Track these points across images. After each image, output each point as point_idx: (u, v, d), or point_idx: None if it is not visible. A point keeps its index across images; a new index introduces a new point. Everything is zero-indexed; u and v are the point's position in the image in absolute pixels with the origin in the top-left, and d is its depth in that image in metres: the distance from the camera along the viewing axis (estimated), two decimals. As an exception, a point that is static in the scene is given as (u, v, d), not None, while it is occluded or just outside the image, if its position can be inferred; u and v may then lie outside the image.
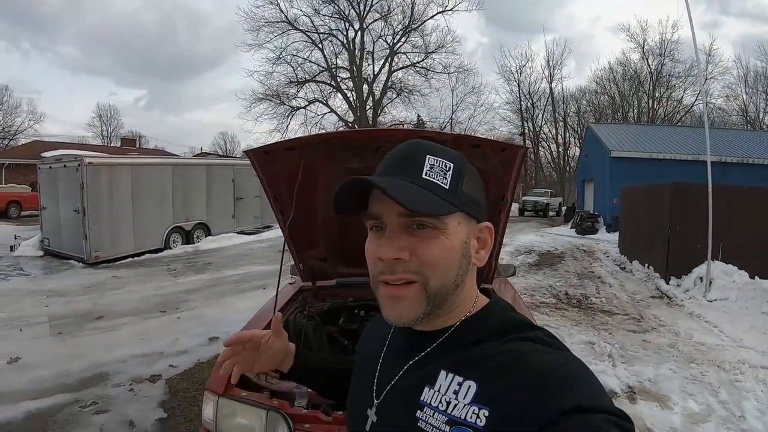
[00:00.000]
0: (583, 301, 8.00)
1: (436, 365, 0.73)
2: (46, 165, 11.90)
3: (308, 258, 3.13)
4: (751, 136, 24.14)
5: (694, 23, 7.85)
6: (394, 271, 0.72)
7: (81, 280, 9.15)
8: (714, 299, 7.60)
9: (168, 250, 12.56)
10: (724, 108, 36.43)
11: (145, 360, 4.99)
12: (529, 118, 40.62)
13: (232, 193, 15.17)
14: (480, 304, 0.78)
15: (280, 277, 2.63)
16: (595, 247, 15.11)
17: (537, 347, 0.68)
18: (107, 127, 51.71)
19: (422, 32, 31.71)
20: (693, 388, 4.51)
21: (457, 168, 0.74)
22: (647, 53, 37.19)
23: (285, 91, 30.52)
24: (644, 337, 6.02)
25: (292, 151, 2.51)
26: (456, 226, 0.73)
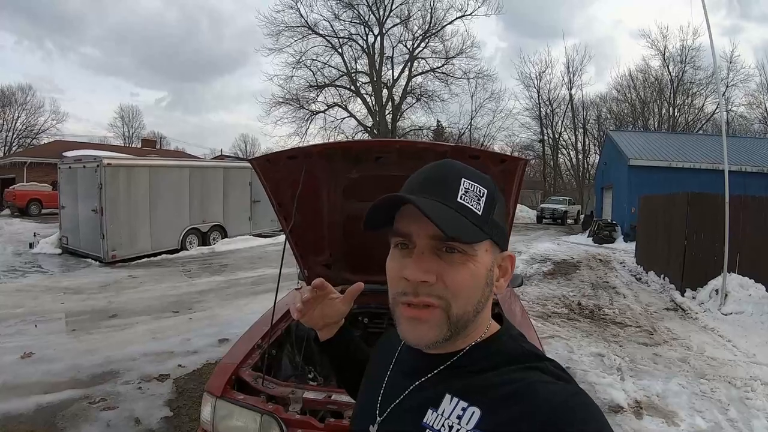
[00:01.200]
0: (595, 311, 7.91)
1: (442, 389, 0.72)
2: (66, 165, 12.21)
3: (313, 264, 3.18)
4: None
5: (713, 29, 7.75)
6: (418, 293, 0.71)
7: (97, 279, 9.34)
8: (729, 312, 7.45)
9: (184, 251, 12.75)
10: (746, 116, 35.74)
11: (156, 359, 5.09)
12: (548, 125, 40.29)
13: (249, 196, 15.29)
14: (491, 330, 0.77)
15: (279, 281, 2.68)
16: (612, 257, 14.93)
17: (544, 378, 0.67)
18: (129, 128, 52.65)
19: (442, 37, 31.77)
20: (702, 404, 4.41)
21: (491, 195, 0.74)
22: (668, 60, 36.62)
23: (304, 95, 30.77)
24: (655, 351, 5.93)
25: (294, 160, 2.57)
26: (484, 253, 0.72)
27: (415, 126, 33.28)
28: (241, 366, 2.29)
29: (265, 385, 2.17)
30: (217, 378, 2.21)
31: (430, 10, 30.92)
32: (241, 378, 2.23)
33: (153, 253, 11.93)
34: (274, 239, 15.56)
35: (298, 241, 2.97)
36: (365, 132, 31.63)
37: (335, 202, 2.87)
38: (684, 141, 23.41)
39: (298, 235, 2.85)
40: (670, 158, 19.80)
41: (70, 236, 11.93)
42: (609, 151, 24.16)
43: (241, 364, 2.31)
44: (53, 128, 42.67)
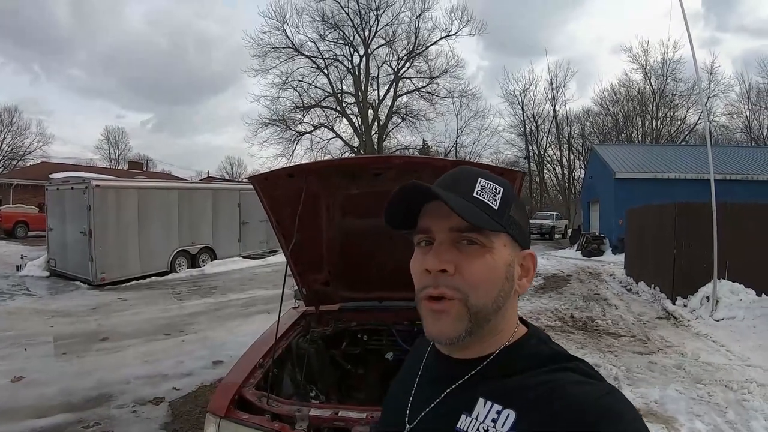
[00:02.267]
0: (588, 323, 7.94)
1: (475, 393, 0.72)
2: (53, 186, 12.07)
3: (311, 282, 3.17)
4: (754, 152, 24.13)
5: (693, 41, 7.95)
6: (438, 284, 0.72)
7: (86, 302, 9.21)
8: (721, 318, 7.54)
9: (173, 273, 12.60)
10: (727, 125, 36.49)
11: (149, 382, 5.00)
12: (533, 141, 40.76)
13: (237, 218, 15.24)
14: (519, 333, 0.78)
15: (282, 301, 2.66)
16: (601, 269, 15.05)
17: (577, 378, 0.68)
18: (115, 150, 52.37)
19: (426, 57, 32.14)
20: (700, 408, 4.46)
21: (507, 193, 0.76)
22: (649, 73, 37.42)
23: (291, 116, 30.90)
24: (650, 359, 5.96)
25: (293, 178, 2.58)
26: (501, 247, 0.74)
27: (401, 145, 33.46)
28: (243, 385, 2.26)
29: (269, 404, 2.14)
30: (219, 398, 2.18)
31: (415, 30, 31.38)
32: (244, 397, 2.20)
33: (142, 276, 11.77)
34: (264, 261, 15.52)
35: (296, 260, 2.95)
36: (352, 152, 31.67)
37: (334, 219, 2.87)
38: (668, 152, 23.81)
39: (297, 253, 2.84)
40: (655, 170, 20.11)
41: (58, 259, 11.76)
42: (594, 165, 24.48)
43: (244, 384, 2.28)
44: (39, 150, 42.25)
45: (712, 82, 34.28)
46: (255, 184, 2.64)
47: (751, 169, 19.85)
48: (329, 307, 3.33)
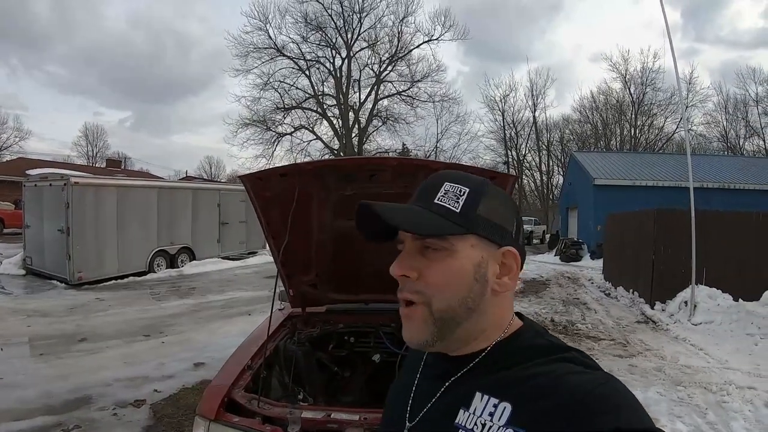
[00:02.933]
0: (569, 327, 8.03)
1: (471, 387, 0.72)
2: (31, 183, 11.79)
3: (299, 284, 3.14)
4: (731, 161, 24.73)
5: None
6: (403, 288, 0.75)
7: (64, 301, 9.01)
8: (699, 322, 7.69)
9: (152, 273, 12.40)
10: (705, 134, 37.30)
11: (130, 384, 4.89)
12: (512, 147, 41.10)
13: (217, 218, 15.10)
14: (514, 326, 0.77)
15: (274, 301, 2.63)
16: (580, 274, 15.22)
17: (574, 368, 0.67)
18: (93, 148, 51.20)
19: (408, 61, 32.11)
20: (681, 410, 4.54)
21: (473, 192, 0.75)
22: (629, 82, 38.09)
23: (271, 117, 30.58)
24: (631, 362, 6.05)
25: (286, 178, 2.55)
26: (467, 248, 0.73)
27: (381, 149, 33.36)
28: (233, 387, 2.23)
29: (260, 407, 2.11)
30: (209, 401, 2.14)
31: (398, 34, 31.29)
32: (233, 400, 2.17)
33: (120, 276, 11.56)
34: (243, 262, 15.42)
35: (285, 261, 2.91)
36: (332, 155, 31.46)
37: (324, 220, 2.84)
38: (646, 160, 24.25)
39: (286, 254, 2.81)
40: (634, 177, 20.48)
41: (34, 257, 11.48)
42: (574, 172, 24.80)
43: (233, 386, 2.24)
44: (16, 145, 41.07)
45: (690, 92, 35.02)
46: (247, 183, 2.59)
47: (728, 177, 20.35)
48: (316, 309, 3.31)
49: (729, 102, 36.35)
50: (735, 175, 20.69)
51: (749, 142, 36.52)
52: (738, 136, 36.63)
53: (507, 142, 40.65)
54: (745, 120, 35.86)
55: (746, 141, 36.59)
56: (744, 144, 36.46)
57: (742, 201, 17.09)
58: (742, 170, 21.61)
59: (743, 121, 35.95)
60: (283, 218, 2.64)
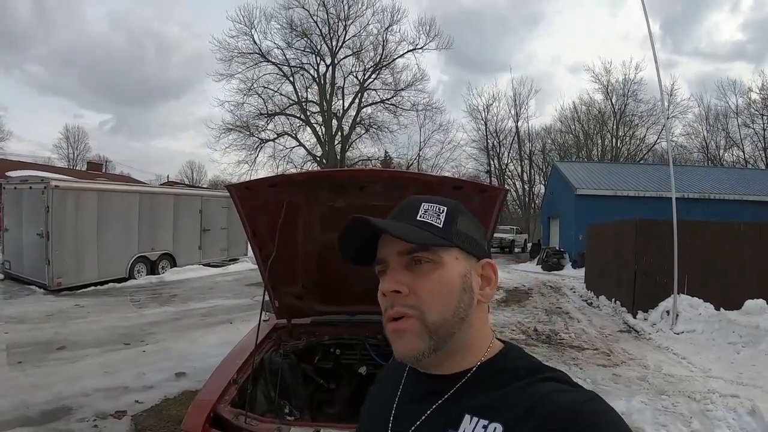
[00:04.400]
0: (552, 336, 8.06)
1: (460, 409, 0.72)
2: (11, 185, 11.54)
3: (284, 295, 3.08)
4: (711, 172, 25.23)
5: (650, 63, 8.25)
6: (394, 304, 0.75)
7: (42, 307, 8.82)
8: (681, 331, 7.79)
9: (132, 280, 12.21)
10: (685, 145, 38.12)
11: (110, 394, 4.76)
12: (495, 156, 41.46)
13: (199, 225, 14.96)
14: (496, 347, 0.78)
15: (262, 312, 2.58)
16: (562, 283, 15.35)
17: (560, 387, 0.69)
18: (74, 150, 50.48)
19: (392, 70, 32.33)
20: (665, 419, 4.57)
21: (451, 210, 0.79)
22: (611, 93, 38.77)
23: (254, 123, 30.54)
24: (614, 371, 6.09)
25: (275, 188, 2.51)
26: (453, 260, 0.76)
27: (364, 156, 33.44)
28: (218, 402, 2.17)
29: (247, 422, 2.06)
30: (194, 416, 2.09)
31: (383, 42, 31.56)
32: (219, 415, 2.11)
33: (100, 282, 11.36)
34: (224, 269, 15.27)
35: (271, 272, 2.85)
36: (314, 162, 31.55)
37: (312, 232, 2.80)
38: (628, 170, 24.66)
39: (272, 265, 2.76)
40: (616, 187, 20.76)
41: (13, 261, 11.24)
42: (556, 182, 25.08)
43: (219, 401, 2.19)
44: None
45: (671, 103, 35.73)
46: (234, 193, 2.54)
47: (708, 187, 20.74)
48: (301, 321, 3.26)
49: (710, 113, 37.29)
50: (715, 186, 21.09)
51: (729, 152, 37.47)
52: (718, 147, 37.58)
53: (489, 152, 40.98)
54: (725, 131, 36.74)
55: (726, 152, 37.54)
56: (723, 155, 37.39)
57: (722, 211, 17.40)
58: (722, 181, 22.07)
59: (723, 132, 36.85)
60: (270, 229, 2.60)
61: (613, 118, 38.74)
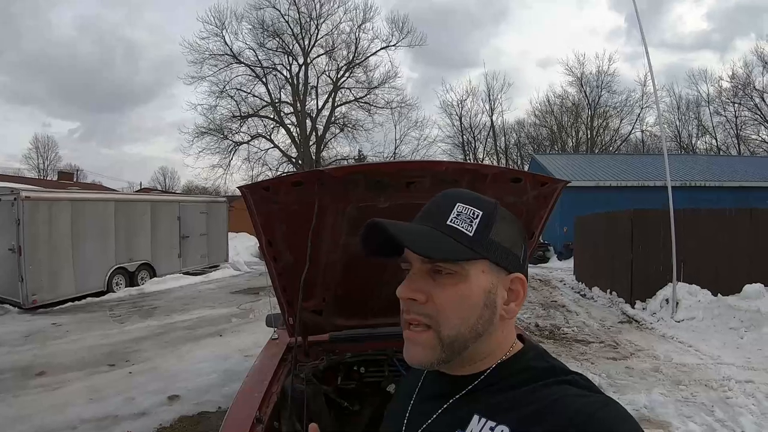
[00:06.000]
0: (555, 331, 7.93)
1: (469, 409, 0.71)
2: (-21, 198, 10.87)
3: (301, 311, 2.70)
4: (689, 160, 25.58)
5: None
6: (410, 311, 0.73)
7: (18, 328, 8.33)
8: (681, 319, 7.75)
9: (111, 293, 11.71)
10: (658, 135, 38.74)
11: (98, 425, 4.34)
12: (470, 151, 41.53)
13: (177, 232, 14.53)
14: (515, 349, 0.76)
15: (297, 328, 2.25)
16: (550, 276, 15.34)
17: (573, 391, 0.66)
18: (44, 160, 49.04)
19: (366, 68, 32.10)
20: (689, 410, 4.49)
21: (487, 216, 0.73)
22: (585, 86, 39.16)
23: (228, 126, 30.07)
24: (626, 364, 5.99)
25: (301, 187, 2.12)
26: (479, 274, 0.71)
27: (339, 156, 33.17)
28: None
29: None
30: None
31: (355, 41, 31.32)
32: None
33: (77, 297, 10.83)
34: (205, 277, 14.85)
35: (286, 286, 2.45)
36: (290, 163, 31.26)
37: (339, 237, 2.37)
38: (607, 161, 24.91)
39: (287, 278, 2.39)
40: (598, 178, 20.91)
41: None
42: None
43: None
44: (-39, 158, 38.72)
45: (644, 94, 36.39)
46: (249, 195, 2.10)
47: (687, 176, 20.97)
48: (318, 338, 2.91)
49: (681, 102, 38.19)
50: (693, 174, 21.44)
51: (701, 140, 38.39)
52: (690, 135, 38.45)
53: (465, 147, 41.04)
54: (697, 119, 37.62)
55: (698, 140, 38.46)
56: (696, 143, 38.29)
57: (703, 198, 17.54)
58: (700, 168, 22.44)
59: (696, 120, 37.71)
60: (290, 236, 2.22)
61: (587, 109, 39.22)
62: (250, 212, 2.15)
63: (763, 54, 33.20)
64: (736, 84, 34.97)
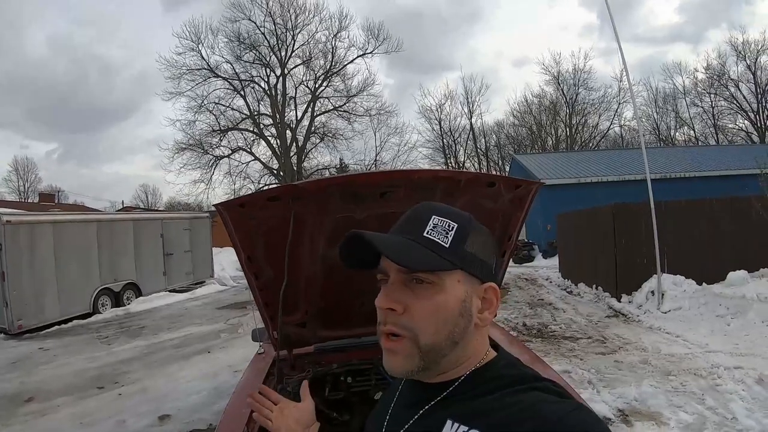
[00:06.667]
0: (542, 330, 7.98)
1: (443, 415, 0.72)
2: (-41, 224, 10.68)
3: (285, 324, 2.71)
4: (667, 152, 25.99)
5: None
6: (386, 321, 0.74)
7: (4, 354, 8.19)
8: (668, 310, 7.87)
9: (97, 314, 11.60)
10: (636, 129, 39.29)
11: (91, 450, 4.32)
12: (451, 155, 41.73)
13: (161, 249, 14.48)
14: (489, 357, 0.78)
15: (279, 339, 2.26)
16: (536, 274, 15.41)
17: (544, 397, 0.67)
18: (24, 182, 48.12)
19: (343, 76, 32.16)
20: (679, 399, 4.54)
21: (462, 228, 0.75)
22: (562, 84, 39.57)
23: (208, 140, 29.87)
24: (615, 358, 6.05)
25: (277, 202, 2.14)
26: (455, 284, 0.73)
27: (321, 165, 33.13)
28: None
29: None
30: None
31: (332, 49, 31.38)
32: None
33: (63, 320, 10.69)
34: (191, 294, 14.79)
35: (268, 301, 2.46)
36: (271, 175, 31.17)
37: (318, 250, 2.41)
38: (587, 157, 25.19)
39: (268, 293, 2.39)
40: (578, 175, 21.14)
41: (-33, 306, 10.39)
42: (516, 174, 25.27)
43: None
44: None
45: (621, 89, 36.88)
46: (225, 212, 2.12)
47: (666, 167, 21.27)
48: (304, 350, 2.91)
49: (658, 96, 38.72)
50: (672, 165, 21.75)
51: (680, 132, 39.06)
52: (669, 127, 39.09)
53: (445, 151, 41.22)
54: (674, 112, 38.22)
55: (677, 132, 39.12)
56: (675, 135, 38.97)
57: (685, 189, 17.72)
58: (678, 160, 22.76)
59: (673, 113, 38.33)
60: (269, 252, 2.24)
61: (565, 107, 39.65)
62: (227, 230, 2.17)
63: (736, 44, 33.91)
64: (711, 75, 35.70)
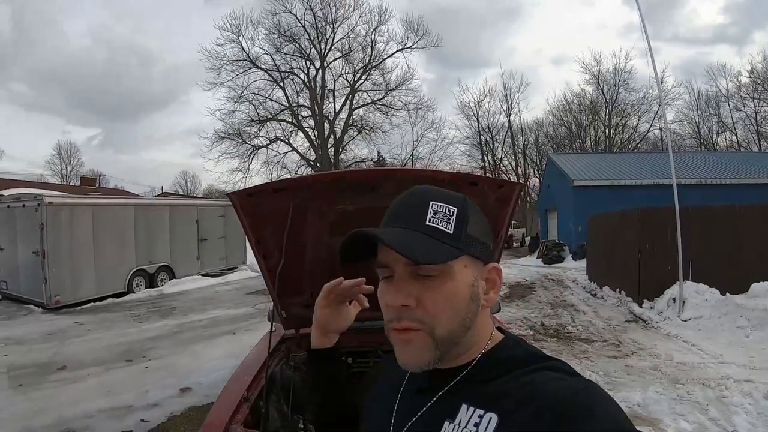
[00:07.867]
0: (560, 330, 7.99)
1: (457, 399, 0.72)
2: (4, 204, 11.36)
3: (292, 305, 2.96)
4: (706, 157, 25.10)
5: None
6: (401, 318, 0.73)
7: (41, 327, 8.68)
8: (688, 318, 7.73)
9: (131, 294, 12.11)
10: (678, 132, 38.04)
11: (114, 414, 4.63)
12: (489, 152, 41.38)
13: (196, 235, 14.88)
14: (495, 339, 0.78)
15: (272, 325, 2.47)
16: (564, 276, 15.28)
17: (555, 375, 0.68)
18: (67, 166, 50.16)
19: (382, 70, 32.27)
20: (682, 408, 4.52)
21: (461, 211, 0.75)
22: (602, 84, 38.72)
23: (246, 130, 30.44)
24: (626, 362, 6.03)
25: (281, 193, 2.38)
26: (462, 269, 0.73)
27: (358, 158, 33.38)
28: (230, 423, 2.05)
29: None
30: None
31: (371, 43, 31.53)
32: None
33: (98, 298, 11.24)
34: (223, 279, 15.17)
35: (276, 282, 2.73)
36: (308, 166, 31.53)
37: (320, 237, 2.65)
38: (623, 159, 24.62)
39: (279, 274, 2.64)
40: (612, 177, 20.70)
41: (9, 281, 11.06)
42: (551, 174, 25.01)
43: (230, 422, 2.06)
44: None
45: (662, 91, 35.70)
46: (235, 201, 2.40)
47: (704, 173, 20.66)
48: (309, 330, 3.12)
49: (701, 99, 37.41)
50: (711, 171, 21.03)
51: (722, 137, 37.60)
52: (711, 132, 37.72)
53: (483, 147, 40.91)
54: (717, 116, 36.84)
55: (719, 136, 37.67)
56: (717, 139, 37.50)
57: (720, 195, 17.16)
58: (717, 166, 22.00)
59: (715, 116, 36.97)
60: (276, 237, 2.47)
61: (605, 108, 38.76)
62: (238, 216, 2.42)
63: (782, 47, 32.45)
64: (755, 79, 34.36)
